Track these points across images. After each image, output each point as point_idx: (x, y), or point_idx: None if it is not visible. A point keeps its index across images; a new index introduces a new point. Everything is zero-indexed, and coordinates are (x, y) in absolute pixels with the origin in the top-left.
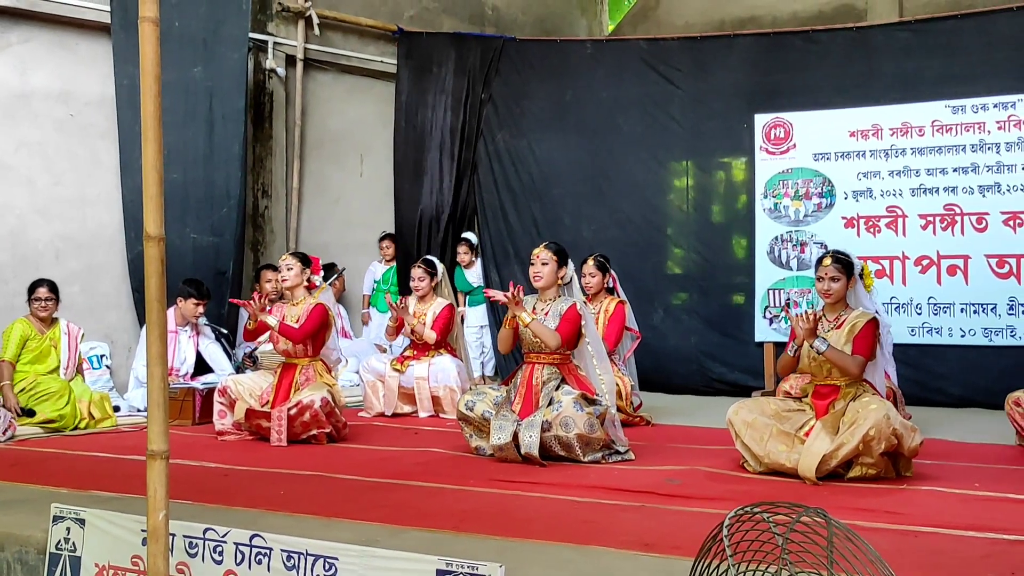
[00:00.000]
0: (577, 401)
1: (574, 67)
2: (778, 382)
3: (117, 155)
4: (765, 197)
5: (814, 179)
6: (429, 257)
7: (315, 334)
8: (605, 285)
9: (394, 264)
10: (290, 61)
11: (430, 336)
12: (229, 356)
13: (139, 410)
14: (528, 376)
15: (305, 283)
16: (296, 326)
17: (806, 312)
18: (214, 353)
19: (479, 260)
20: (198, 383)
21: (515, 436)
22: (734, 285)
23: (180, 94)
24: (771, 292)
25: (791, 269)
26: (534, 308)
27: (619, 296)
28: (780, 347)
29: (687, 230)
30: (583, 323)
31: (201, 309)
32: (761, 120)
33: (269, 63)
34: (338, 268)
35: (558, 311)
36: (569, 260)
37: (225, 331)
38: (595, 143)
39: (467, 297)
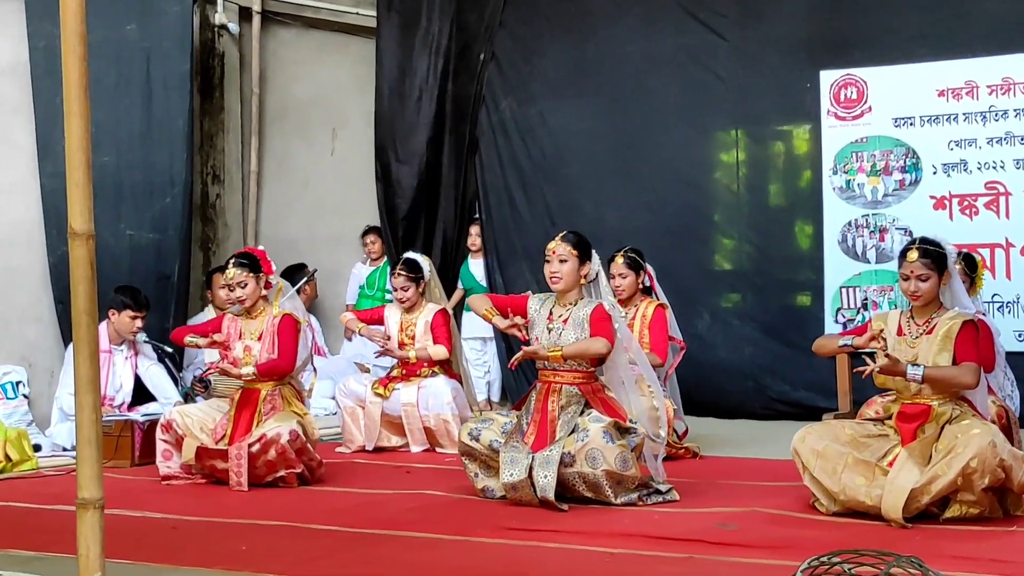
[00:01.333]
0: (607, 431)
1: (595, 16)
2: (856, 403)
3: (33, 134)
4: (835, 173)
5: (895, 150)
6: (410, 256)
7: (285, 371)
8: (640, 286)
9: (383, 263)
10: (244, 14)
11: (440, 352)
12: (175, 381)
13: (65, 449)
14: (543, 400)
15: (262, 291)
16: (260, 350)
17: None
18: (156, 377)
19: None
20: (137, 414)
21: (530, 471)
22: (797, 283)
23: (110, 58)
24: (844, 291)
25: (868, 262)
26: (550, 314)
27: (658, 298)
28: (856, 357)
29: (738, 216)
30: (616, 325)
31: (139, 323)
32: (828, 78)
33: (219, 17)
34: (308, 270)
35: (580, 317)
36: (594, 253)
37: (169, 349)
38: (621, 110)
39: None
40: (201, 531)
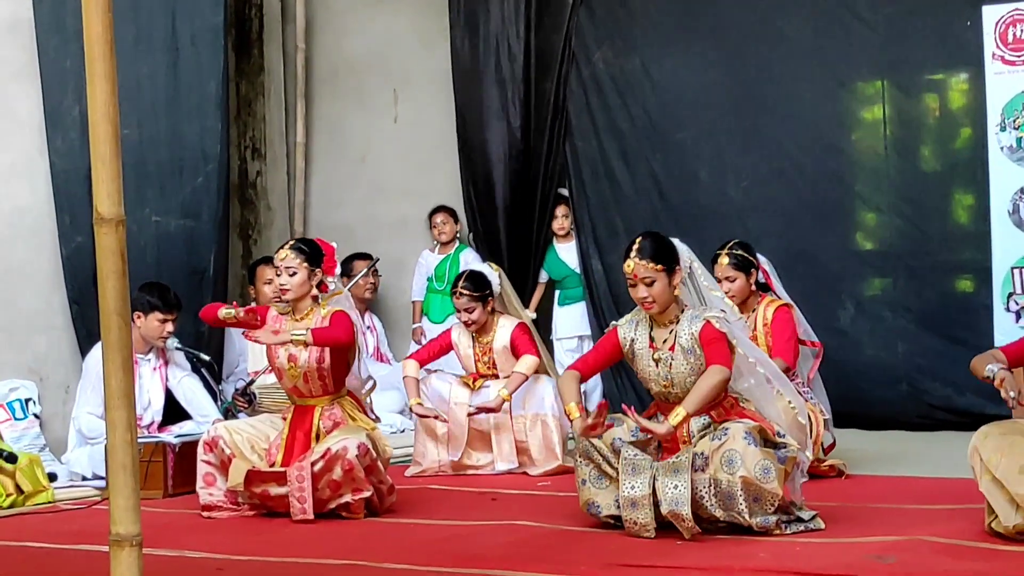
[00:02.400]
0: (751, 433)
1: None
2: None
3: (40, 103)
4: (1003, 130)
5: None
6: (474, 270)
7: (345, 345)
8: (752, 287)
9: (455, 249)
10: None
11: (531, 363)
12: (213, 395)
13: (85, 478)
14: (673, 435)
15: (315, 290)
16: (307, 359)
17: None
18: (191, 391)
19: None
20: (170, 435)
21: (654, 486)
22: (959, 264)
23: (127, 12)
24: (1016, 272)
25: None
26: (651, 340)
27: (778, 296)
28: None
29: (884, 184)
30: (731, 339)
31: (170, 327)
32: (993, 14)
33: None
34: (370, 260)
35: (688, 339)
36: (680, 250)
37: (207, 358)
38: (743, 59)
39: (559, 291)
40: (252, 572)
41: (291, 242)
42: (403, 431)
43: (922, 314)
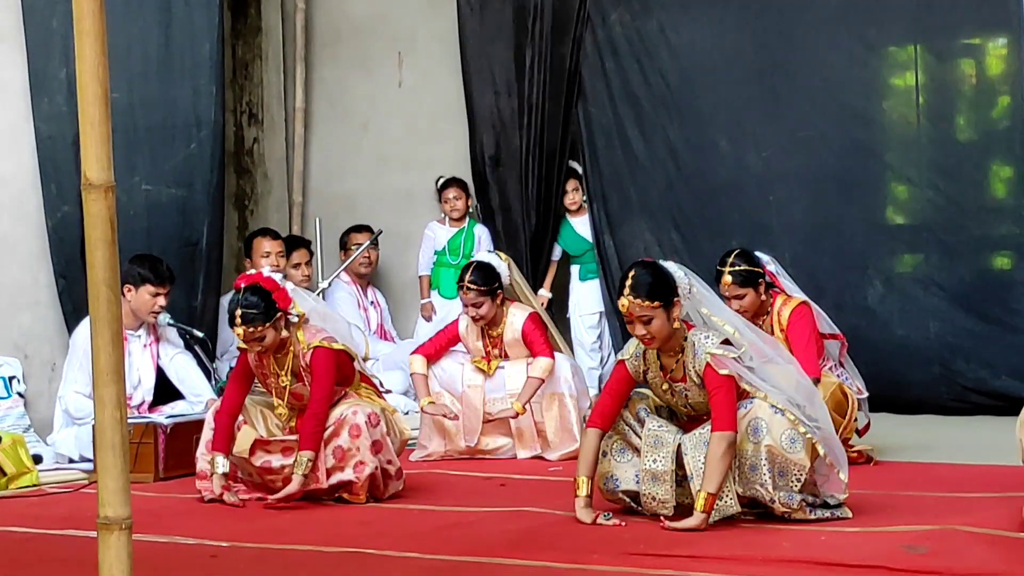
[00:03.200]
0: (777, 406)
1: None
2: None
3: (24, 67)
4: None
5: None
6: (481, 260)
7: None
8: (762, 296)
9: (467, 225)
10: None
11: (546, 365)
12: (207, 373)
13: (72, 460)
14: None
15: (283, 332)
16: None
17: None
18: (183, 369)
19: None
20: (161, 416)
21: (679, 460)
22: (995, 240)
23: None
24: None
25: None
26: (661, 369)
27: (790, 294)
28: None
29: (917, 155)
30: (740, 379)
31: (162, 301)
32: None
33: None
34: (370, 232)
35: (694, 373)
36: (677, 278)
37: (200, 334)
38: (766, 23)
39: (579, 266)
40: (248, 560)
41: (239, 313)
42: (407, 413)
43: (956, 292)
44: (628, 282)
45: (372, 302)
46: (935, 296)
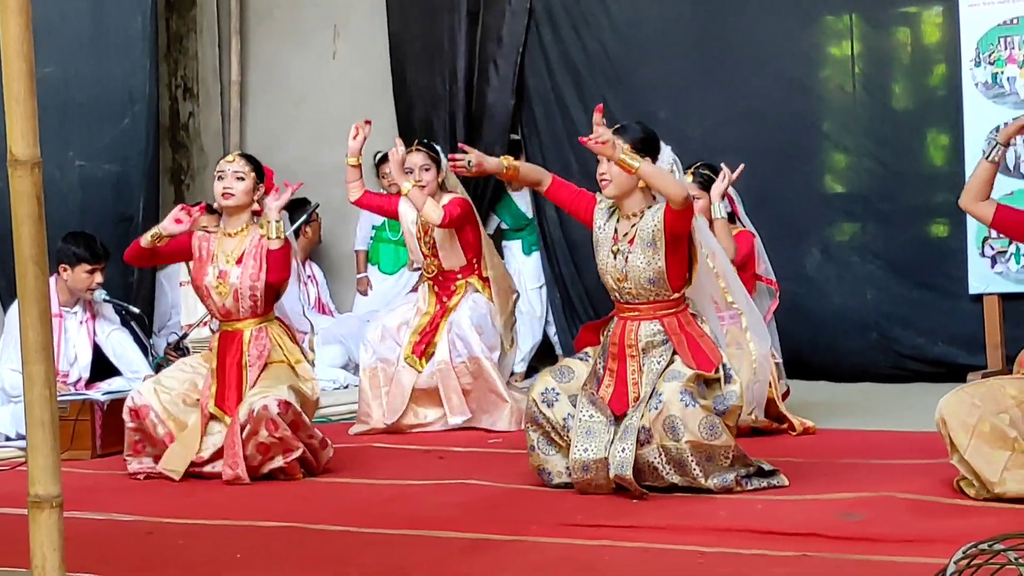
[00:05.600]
0: (687, 390)
1: None
2: (1009, 359)
3: None
4: (977, 65)
5: None
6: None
7: (281, 270)
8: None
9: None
10: None
11: (435, 215)
12: (144, 349)
13: (9, 438)
14: (620, 342)
15: (255, 203)
16: (239, 276)
17: None
18: (120, 345)
19: None
20: (98, 392)
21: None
22: (932, 207)
23: None
24: None
25: (1023, 176)
26: (615, 232)
27: (743, 225)
28: (1009, 301)
29: (854, 123)
30: (696, 227)
31: (98, 278)
32: None
33: None
34: (309, 205)
35: (649, 232)
36: (667, 150)
37: (137, 310)
38: None
39: (522, 240)
40: (183, 536)
41: (237, 152)
42: (347, 387)
43: (892, 260)
44: (620, 125)
45: (310, 275)
46: (872, 264)
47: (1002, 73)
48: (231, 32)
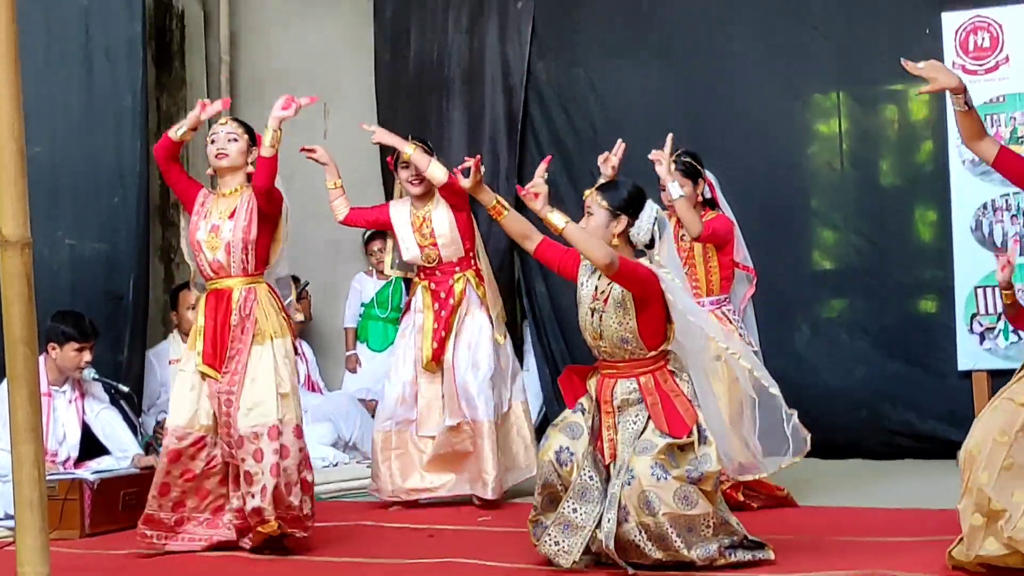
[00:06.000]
0: (658, 462)
1: None
2: None
3: None
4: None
5: None
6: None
7: (266, 177)
8: (700, 197)
9: (396, 278)
10: None
11: (439, 173)
12: (133, 428)
13: None
14: (598, 393)
15: (248, 166)
16: (231, 229)
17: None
18: (109, 424)
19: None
20: (87, 472)
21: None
22: (920, 283)
23: (37, 19)
24: (980, 292)
25: None
26: (595, 291)
27: (722, 210)
28: (998, 377)
29: (842, 200)
30: (666, 292)
31: (87, 356)
32: (953, 21)
33: None
34: (299, 283)
35: (620, 289)
36: (652, 210)
37: (126, 389)
38: (691, 69)
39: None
40: None
41: (228, 115)
42: (335, 464)
43: (881, 337)
44: (610, 181)
45: (299, 354)
46: (861, 340)
47: None
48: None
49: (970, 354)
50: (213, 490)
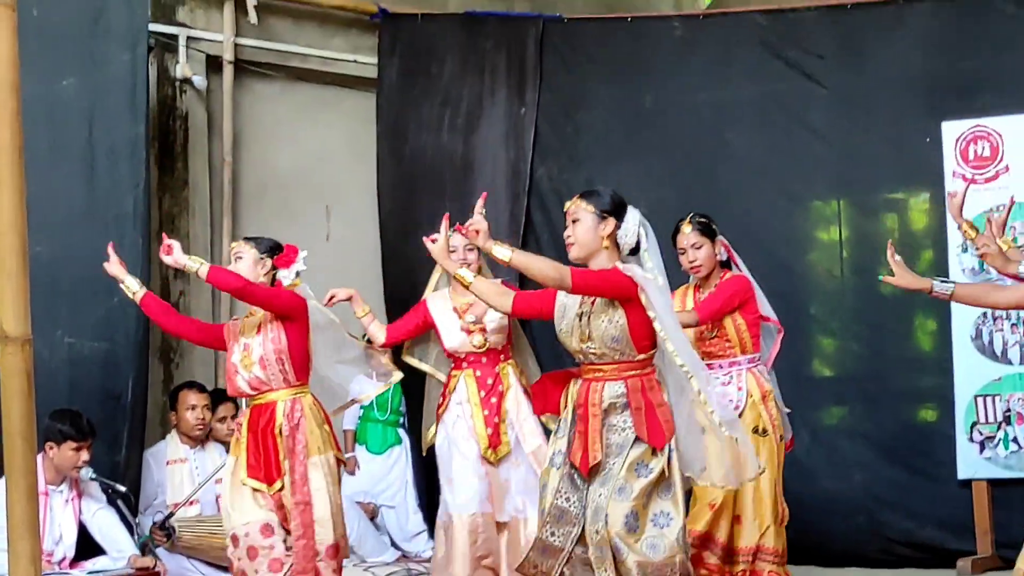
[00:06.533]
0: (623, 488)
1: (655, 57)
2: (998, 544)
3: None
4: (964, 251)
5: None
6: None
7: (290, 313)
8: (718, 257)
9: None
10: (213, 65)
11: (505, 303)
12: (129, 528)
13: None
14: (583, 403)
15: (262, 278)
16: (260, 342)
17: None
18: (106, 525)
19: None
20: (82, 572)
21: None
22: (920, 392)
23: (41, 119)
24: (980, 400)
25: (1010, 363)
26: (581, 299)
27: (739, 269)
28: (998, 486)
29: (842, 307)
30: (641, 291)
31: (85, 455)
32: (953, 130)
33: (181, 68)
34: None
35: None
36: (634, 215)
37: (123, 489)
38: (691, 175)
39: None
40: None
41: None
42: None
43: (881, 443)
44: (591, 190)
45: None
46: (861, 447)
47: None
48: (223, 212)
49: (969, 462)
50: None
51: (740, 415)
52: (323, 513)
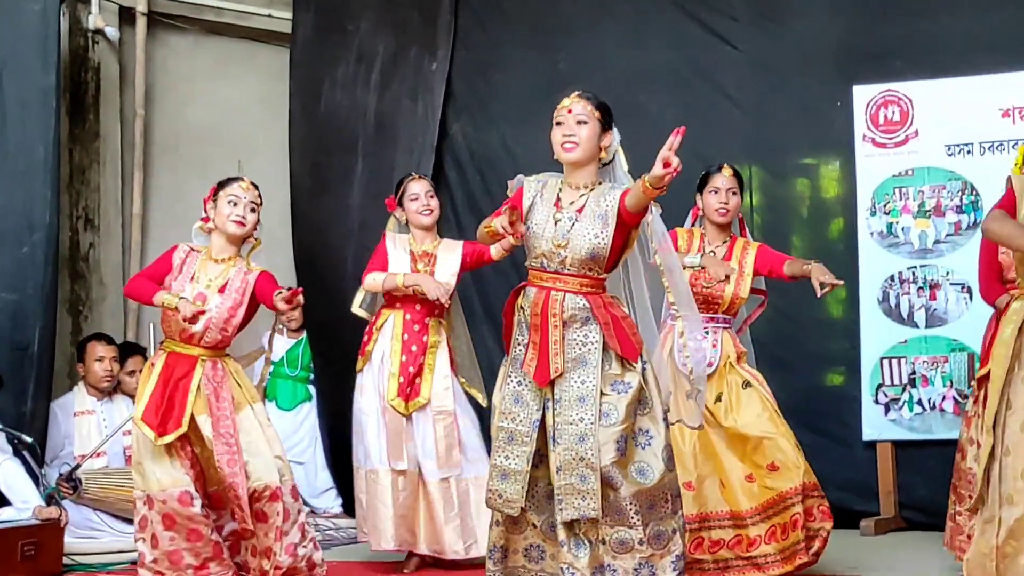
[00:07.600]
0: (608, 413)
1: (570, 19)
2: (901, 504)
3: None
4: (873, 215)
5: (948, 184)
6: None
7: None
8: (739, 212)
9: (304, 337)
10: (126, 16)
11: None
12: (35, 479)
13: None
14: (543, 313)
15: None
16: (218, 304)
17: None
18: (11, 475)
19: None
20: None
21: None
22: (827, 355)
23: None
24: (886, 363)
25: (916, 326)
26: (557, 199)
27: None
28: (902, 448)
29: None
30: (652, 231)
31: None
32: (864, 95)
33: (93, 19)
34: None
35: (602, 208)
36: (614, 125)
37: (29, 440)
38: None
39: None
40: None
41: (249, 180)
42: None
43: (788, 407)
44: (579, 90)
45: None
46: None
47: (897, 223)
48: (134, 165)
49: (875, 425)
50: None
51: (713, 372)
52: (266, 458)
